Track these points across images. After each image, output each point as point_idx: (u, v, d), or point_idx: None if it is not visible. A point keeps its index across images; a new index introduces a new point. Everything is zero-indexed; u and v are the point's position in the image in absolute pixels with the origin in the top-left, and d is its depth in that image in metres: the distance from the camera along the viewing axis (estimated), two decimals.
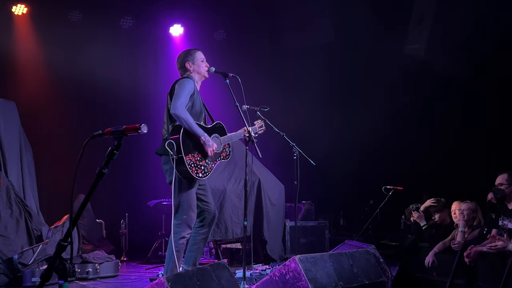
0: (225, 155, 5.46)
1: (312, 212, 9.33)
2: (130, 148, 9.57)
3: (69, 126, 9.63)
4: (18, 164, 7.75)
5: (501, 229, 5.27)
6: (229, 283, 3.79)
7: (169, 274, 3.44)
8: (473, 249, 5.16)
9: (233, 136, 5.52)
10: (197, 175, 5.05)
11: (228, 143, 5.47)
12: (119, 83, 10.01)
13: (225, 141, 5.43)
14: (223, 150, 5.41)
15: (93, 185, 2.48)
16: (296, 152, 6.46)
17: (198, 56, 5.46)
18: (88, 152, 2.92)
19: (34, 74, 9.55)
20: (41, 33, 9.55)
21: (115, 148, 2.51)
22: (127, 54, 10.16)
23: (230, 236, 7.85)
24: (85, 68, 9.57)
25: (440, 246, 6.13)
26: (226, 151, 5.46)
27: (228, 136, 5.47)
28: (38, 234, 6.98)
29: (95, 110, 9.79)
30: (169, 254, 5.07)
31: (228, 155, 5.49)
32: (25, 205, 7.18)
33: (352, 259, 4.48)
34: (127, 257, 8.68)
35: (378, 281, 4.52)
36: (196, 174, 5.04)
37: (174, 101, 5.06)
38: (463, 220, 6.00)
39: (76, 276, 6.63)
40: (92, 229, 8.49)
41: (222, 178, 8.03)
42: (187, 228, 5.11)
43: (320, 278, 4.04)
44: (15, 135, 7.82)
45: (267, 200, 8.13)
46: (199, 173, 5.07)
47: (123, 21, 10.19)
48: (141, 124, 2.48)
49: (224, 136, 5.43)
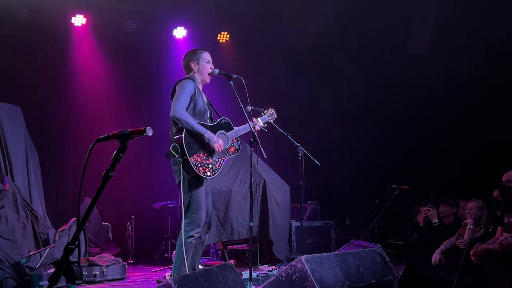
0: (234, 149, 5.45)
1: (318, 212, 9.32)
2: (135, 151, 9.59)
3: (75, 130, 9.65)
4: (24, 168, 7.78)
5: (507, 226, 5.26)
6: (235, 284, 3.80)
7: (176, 276, 3.44)
8: (480, 247, 5.16)
9: (240, 130, 5.49)
10: (205, 174, 5.06)
11: (236, 137, 5.46)
12: (123, 86, 10.05)
13: (232, 136, 5.42)
14: (231, 145, 5.40)
15: (99, 188, 2.49)
16: (301, 153, 6.46)
17: (204, 56, 5.45)
18: (94, 156, 2.94)
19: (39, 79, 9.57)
20: (44, 37, 9.59)
21: (121, 151, 2.52)
22: (131, 58, 10.17)
23: (236, 237, 7.85)
24: (88, 73, 9.63)
25: (447, 244, 6.14)
26: (234, 145, 5.45)
27: (234, 131, 5.46)
28: (45, 238, 7.01)
29: (101, 114, 9.80)
30: (177, 253, 5.10)
31: (238, 149, 5.48)
32: (31, 209, 7.21)
33: (358, 258, 4.48)
34: (133, 260, 8.68)
35: (385, 280, 4.52)
36: (204, 173, 5.06)
37: (173, 104, 5.09)
38: (470, 218, 6.01)
39: (83, 279, 6.65)
40: (98, 232, 8.53)
41: (228, 180, 8.03)
42: (197, 227, 5.12)
43: (327, 278, 4.04)
44: (20, 139, 7.85)
45: (272, 200, 8.13)
46: (207, 172, 5.09)
47: (127, 24, 10.20)
48: (146, 127, 2.50)
49: (230, 131, 5.42)
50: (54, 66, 9.44)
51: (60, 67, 9.58)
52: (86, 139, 8.05)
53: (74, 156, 9.35)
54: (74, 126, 9.69)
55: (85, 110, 9.81)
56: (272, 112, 5.90)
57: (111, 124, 8.95)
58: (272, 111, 5.91)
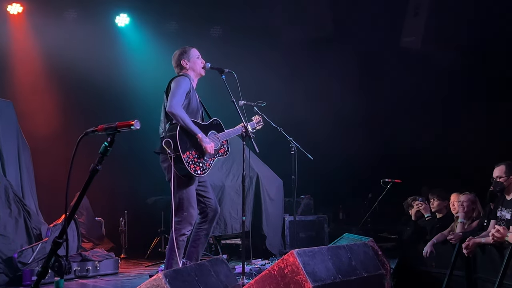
0: (224, 151, 5.46)
1: (311, 206, 9.32)
2: (128, 145, 9.56)
3: (66, 124, 9.60)
4: (16, 163, 7.73)
5: (500, 219, 5.27)
6: (227, 278, 3.79)
7: (167, 270, 3.43)
8: (472, 240, 5.16)
9: (231, 133, 5.52)
10: (195, 172, 5.05)
11: (226, 139, 5.47)
12: (116, 81, 10.00)
13: (223, 137, 5.44)
14: (221, 147, 5.41)
15: (87, 182, 2.48)
16: (293, 147, 6.46)
17: (193, 53, 5.45)
18: (86, 151, 2.92)
19: (31, 73, 9.52)
20: (37, 31, 9.52)
21: (109, 144, 2.51)
22: (123, 52, 10.12)
23: (229, 232, 7.86)
24: (81, 67, 9.56)
25: (439, 237, 6.14)
26: (224, 147, 5.47)
27: (225, 133, 5.47)
28: (38, 233, 6.97)
29: (93, 108, 9.75)
30: (169, 251, 5.09)
31: (227, 151, 5.50)
32: (24, 204, 7.17)
33: (351, 252, 4.47)
34: (126, 255, 8.67)
35: (377, 273, 4.51)
36: (195, 171, 5.05)
37: (170, 99, 5.07)
38: (462, 211, 6.02)
39: (76, 274, 6.64)
40: (91, 227, 8.50)
41: (221, 174, 8.03)
42: (188, 225, 5.12)
43: (319, 271, 4.04)
44: (12, 134, 7.79)
45: (265, 195, 8.14)
46: (198, 170, 5.08)
47: (118, 18, 10.15)
48: (134, 120, 2.48)
49: (221, 133, 5.44)
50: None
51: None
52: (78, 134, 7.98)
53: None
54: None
55: (78, 105, 9.76)
56: (259, 120, 5.93)
57: (102, 119, 8.86)
58: (260, 119, 5.94)
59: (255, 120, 5.91)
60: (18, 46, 9.58)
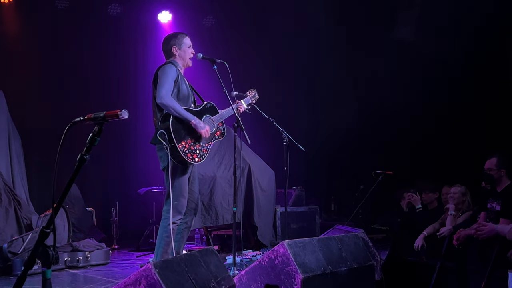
0: (220, 133, 5.42)
1: (303, 197, 9.32)
2: (120, 135, 9.54)
3: (58, 114, 9.54)
4: (7, 153, 7.71)
5: (490, 211, 5.29)
6: (217, 269, 3.78)
7: (157, 261, 3.42)
8: (462, 232, 5.17)
9: (225, 113, 5.46)
10: (193, 160, 5.04)
11: (221, 121, 5.43)
12: (108, 71, 9.97)
13: (217, 119, 5.39)
14: (217, 130, 5.38)
15: (75, 171, 2.46)
16: (285, 138, 6.45)
17: (185, 41, 5.39)
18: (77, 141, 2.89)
19: (22, 63, 9.45)
20: (28, 21, 9.45)
21: (96, 134, 2.49)
22: (116, 42, 10.08)
23: (220, 223, 7.85)
24: (72, 57, 9.52)
25: (429, 230, 6.17)
26: (220, 129, 5.43)
27: (219, 114, 5.43)
28: (28, 223, 6.97)
29: (84, 98, 9.69)
30: (159, 240, 5.08)
31: (223, 133, 5.46)
32: (14, 194, 7.16)
33: (341, 243, 4.48)
34: (118, 245, 8.66)
35: (367, 265, 4.52)
36: (192, 159, 5.03)
37: (158, 90, 5.02)
38: (452, 203, 6.03)
39: (67, 264, 6.62)
40: (82, 218, 8.48)
41: (212, 165, 8.02)
42: (177, 214, 5.10)
43: (309, 262, 4.04)
44: (3, 123, 7.78)
45: (257, 186, 8.14)
46: (195, 158, 5.06)
47: (111, 8, 10.10)
48: (122, 110, 2.46)
49: (215, 115, 5.39)
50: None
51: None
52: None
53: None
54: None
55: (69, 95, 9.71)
56: (254, 93, 5.88)
57: (93, 109, 8.85)
58: (254, 92, 5.90)
59: (249, 94, 5.85)
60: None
